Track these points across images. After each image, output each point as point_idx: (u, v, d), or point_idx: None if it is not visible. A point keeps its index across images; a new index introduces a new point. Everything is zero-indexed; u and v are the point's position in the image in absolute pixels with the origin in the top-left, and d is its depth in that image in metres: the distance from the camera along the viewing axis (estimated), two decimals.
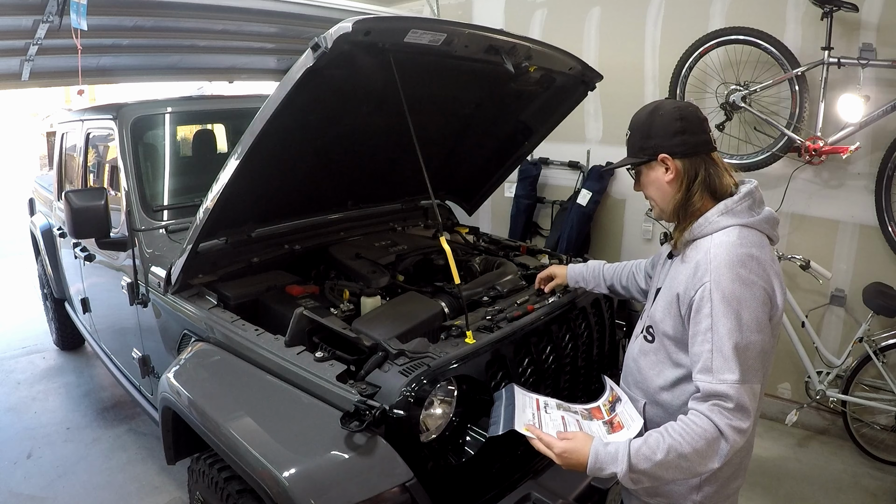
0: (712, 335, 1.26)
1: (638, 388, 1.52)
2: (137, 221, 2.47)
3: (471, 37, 1.81)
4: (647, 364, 1.48)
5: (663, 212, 1.48)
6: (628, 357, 1.60)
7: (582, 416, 1.50)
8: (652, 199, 1.49)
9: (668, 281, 1.45)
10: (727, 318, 1.25)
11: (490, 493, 1.73)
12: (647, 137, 1.42)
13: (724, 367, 1.24)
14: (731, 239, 1.32)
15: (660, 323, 1.43)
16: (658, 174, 1.43)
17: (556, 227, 4.25)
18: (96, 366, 4.14)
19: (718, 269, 1.28)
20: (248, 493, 1.63)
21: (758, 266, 1.29)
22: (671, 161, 1.40)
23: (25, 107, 13.96)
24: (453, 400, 1.68)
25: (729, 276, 1.27)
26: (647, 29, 3.70)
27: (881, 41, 2.90)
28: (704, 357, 1.27)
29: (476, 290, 2.20)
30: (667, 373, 1.43)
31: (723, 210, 1.36)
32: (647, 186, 1.48)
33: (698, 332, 1.29)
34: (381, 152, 2.55)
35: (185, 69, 4.32)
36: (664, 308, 1.42)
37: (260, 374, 1.79)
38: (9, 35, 3.03)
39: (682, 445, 1.23)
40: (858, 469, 3.00)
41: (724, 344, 1.24)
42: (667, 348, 1.42)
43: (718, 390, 1.23)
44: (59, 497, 2.83)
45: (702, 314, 1.28)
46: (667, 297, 1.42)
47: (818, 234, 3.23)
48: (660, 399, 1.45)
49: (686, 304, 1.33)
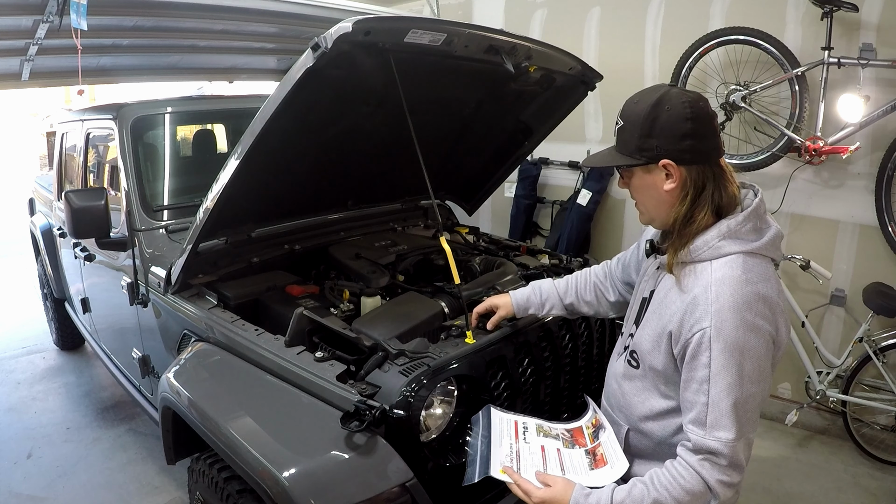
0: (709, 387, 1.13)
1: (621, 412, 1.41)
2: (137, 221, 2.47)
3: (471, 37, 1.81)
4: (631, 389, 1.36)
5: (653, 220, 1.31)
6: (611, 376, 1.47)
7: (563, 442, 1.40)
8: (641, 205, 1.30)
9: (656, 305, 1.29)
10: (727, 371, 1.12)
11: (490, 493, 1.73)
12: (648, 136, 1.20)
13: (720, 424, 1.13)
14: (735, 273, 1.16)
15: (647, 355, 1.29)
16: (655, 180, 1.23)
17: (556, 227, 4.25)
18: (96, 366, 4.14)
19: (721, 313, 1.13)
20: (248, 493, 1.63)
21: (765, 307, 1.15)
22: (675, 168, 1.20)
23: (25, 107, 13.97)
24: (453, 400, 1.68)
25: (733, 323, 1.12)
26: (647, 29, 3.70)
27: (881, 41, 2.90)
28: (698, 409, 1.15)
29: (476, 290, 2.20)
30: (653, 402, 1.31)
31: (724, 233, 1.19)
32: (638, 190, 1.28)
33: (692, 380, 1.16)
34: (381, 152, 2.55)
35: (185, 69, 4.32)
36: (653, 341, 1.27)
37: (260, 374, 1.79)
38: (9, 35, 3.03)
39: (667, 500, 1.14)
40: (858, 469, 3.00)
41: (722, 400, 1.12)
42: (654, 379, 1.30)
43: (711, 447, 1.13)
44: (59, 497, 2.83)
45: (698, 362, 1.15)
46: (656, 328, 1.26)
47: (818, 234, 3.23)
48: (644, 427, 1.34)
49: (680, 344, 1.19)
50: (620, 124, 1.27)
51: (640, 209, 1.32)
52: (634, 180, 1.28)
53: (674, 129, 1.19)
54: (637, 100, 1.25)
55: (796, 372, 3.35)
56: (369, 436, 1.46)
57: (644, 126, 1.21)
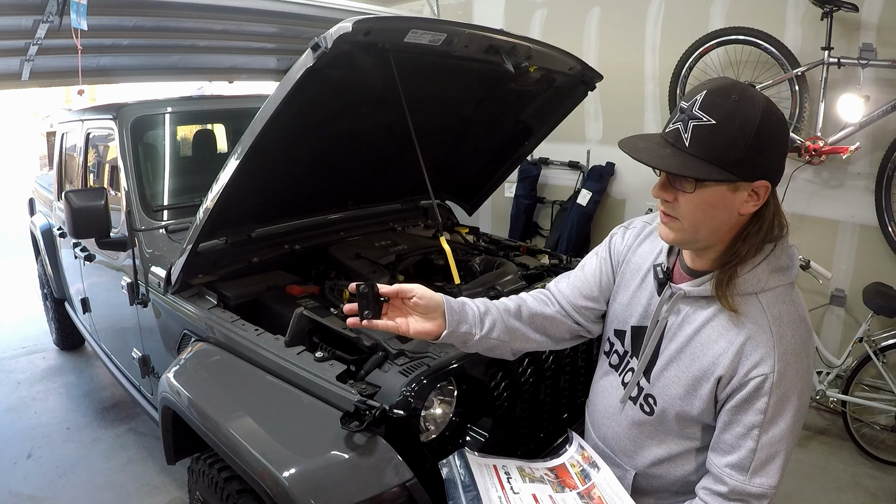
0: (761, 434, 1.04)
1: (627, 456, 1.27)
2: (137, 221, 2.47)
3: (471, 37, 1.81)
4: (644, 434, 1.23)
5: (696, 242, 1.08)
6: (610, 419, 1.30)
7: (552, 486, 1.28)
8: (689, 223, 1.04)
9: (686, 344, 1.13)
10: (784, 419, 1.04)
11: None
12: (759, 151, 0.96)
13: (766, 471, 1.05)
14: (792, 311, 1.06)
15: (677, 400, 1.14)
16: (733, 200, 1.01)
17: (556, 227, 4.26)
18: (96, 366, 4.14)
19: (786, 357, 1.03)
20: (248, 493, 1.63)
21: (812, 344, 1.10)
22: (766, 192, 1.01)
23: (25, 107, 13.97)
24: (453, 400, 1.68)
25: (796, 368, 1.04)
26: (647, 29, 3.70)
27: (881, 41, 2.90)
28: (742, 454, 1.06)
29: (476, 290, 2.19)
30: (671, 445, 1.20)
31: (774, 267, 1.07)
32: (702, 207, 1.02)
33: (739, 423, 1.06)
34: (381, 152, 2.55)
35: (185, 69, 4.32)
36: (687, 385, 1.12)
37: (260, 374, 1.79)
38: (9, 35, 3.03)
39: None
40: (858, 469, 3.00)
41: (774, 445, 1.05)
42: (676, 424, 1.18)
43: (752, 492, 1.06)
44: (59, 497, 2.83)
45: (753, 407, 1.04)
46: (692, 371, 1.11)
47: (818, 234, 3.23)
48: (657, 471, 1.23)
49: (730, 388, 1.07)
50: (703, 121, 0.97)
51: (679, 227, 1.06)
52: (706, 195, 1.00)
53: (782, 147, 1.00)
54: (735, 98, 0.97)
55: None
56: (369, 436, 1.46)
57: (758, 138, 0.96)
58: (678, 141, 0.99)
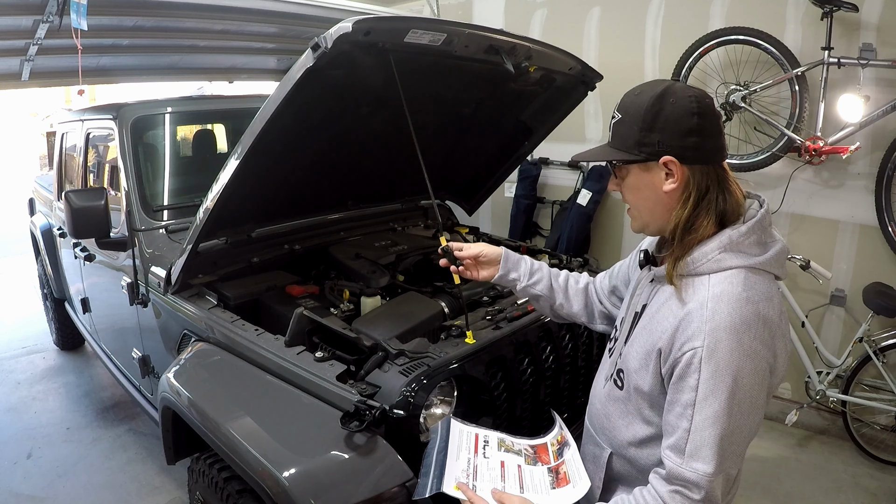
0: (693, 413, 1.03)
1: (604, 434, 1.30)
2: (137, 221, 2.47)
3: (471, 37, 1.81)
4: (615, 412, 1.26)
5: (647, 226, 1.18)
6: (595, 396, 1.36)
7: (525, 459, 1.32)
8: (634, 208, 1.17)
9: (646, 320, 1.18)
10: (716, 398, 1.01)
11: None
12: (650, 130, 1.09)
13: (700, 455, 1.02)
14: (735, 290, 1.05)
15: (633, 374, 1.18)
16: (654, 179, 1.12)
17: (556, 227, 4.25)
18: (96, 366, 4.14)
19: (716, 332, 1.02)
20: (248, 493, 1.63)
21: (765, 330, 1.05)
22: (677, 166, 1.09)
23: (25, 107, 13.97)
24: (453, 400, 1.68)
25: (728, 345, 1.02)
26: (647, 29, 3.70)
27: (881, 41, 2.89)
28: (679, 435, 1.05)
29: (476, 290, 2.20)
30: (636, 428, 1.21)
31: (726, 245, 1.08)
32: (633, 191, 1.15)
33: (677, 402, 1.06)
34: (381, 152, 2.55)
35: (185, 69, 4.32)
36: (640, 359, 1.16)
37: (260, 374, 1.79)
38: (9, 35, 3.03)
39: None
40: (858, 469, 3.00)
41: (706, 429, 1.02)
42: (637, 403, 1.19)
43: (686, 477, 1.03)
44: (59, 497, 2.83)
45: (686, 384, 1.04)
46: (645, 345, 1.15)
47: (818, 234, 3.23)
48: (628, 454, 1.24)
49: (669, 364, 1.09)
50: (618, 118, 1.15)
51: (633, 214, 1.19)
52: (630, 179, 1.16)
53: (679, 124, 1.08)
54: (638, 91, 1.14)
55: (796, 372, 3.35)
56: (369, 436, 1.46)
57: (646, 119, 1.09)
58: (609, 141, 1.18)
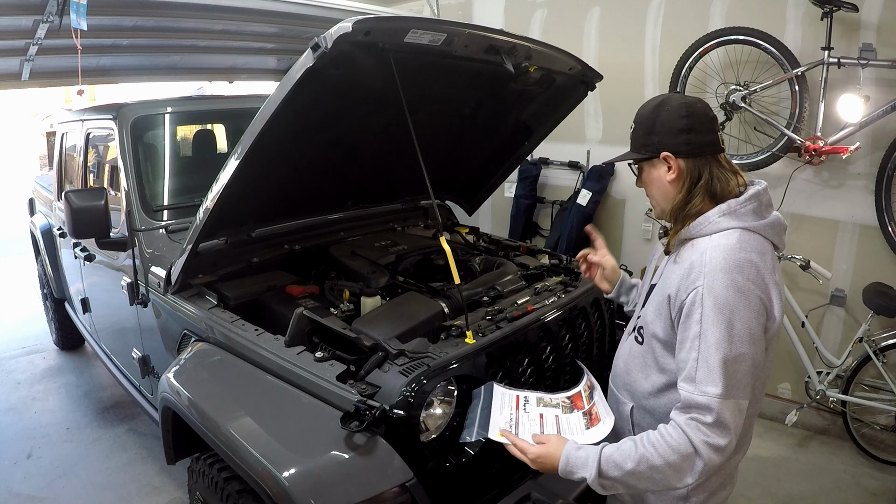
0: (700, 343, 1.19)
1: (626, 390, 1.46)
2: (137, 221, 2.47)
3: (471, 37, 1.81)
4: (635, 366, 1.43)
5: (663, 211, 1.42)
6: (618, 357, 1.53)
7: (563, 409, 1.46)
8: (652, 198, 1.44)
9: (661, 280, 1.39)
10: (717, 326, 1.18)
11: (490, 493, 1.73)
12: (651, 133, 1.35)
13: (708, 379, 1.17)
14: (730, 242, 1.24)
15: (650, 324, 1.37)
16: (660, 173, 1.36)
17: (556, 227, 4.25)
18: (96, 366, 4.14)
19: (713, 273, 1.21)
20: (248, 493, 1.63)
21: (756, 273, 1.22)
22: (674, 160, 1.33)
23: (25, 107, 13.96)
24: (453, 400, 1.68)
25: (723, 282, 1.19)
26: (647, 29, 3.70)
27: (881, 41, 2.90)
28: (689, 365, 1.21)
29: (476, 290, 2.20)
30: (653, 377, 1.37)
31: (725, 210, 1.29)
32: (649, 185, 1.42)
33: (686, 339, 1.23)
34: (380, 152, 2.55)
35: (185, 69, 4.32)
36: (655, 309, 1.36)
37: (260, 374, 1.79)
38: (9, 35, 3.03)
39: (653, 457, 1.18)
40: (858, 469, 3.00)
41: (711, 354, 1.18)
42: (654, 352, 1.37)
43: (698, 402, 1.18)
44: (59, 497, 2.83)
45: (691, 320, 1.22)
46: (658, 297, 1.36)
47: (818, 234, 3.23)
48: (647, 404, 1.39)
49: (676, 307, 1.27)
50: (633, 128, 1.42)
51: (652, 203, 1.45)
52: (644, 175, 1.42)
53: (672, 125, 1.33)
54: (645, 105, 1.41)
55: (796, 372, 3.35)
56: (369, 436, 1.46)
57: (647, 124, 1.37)
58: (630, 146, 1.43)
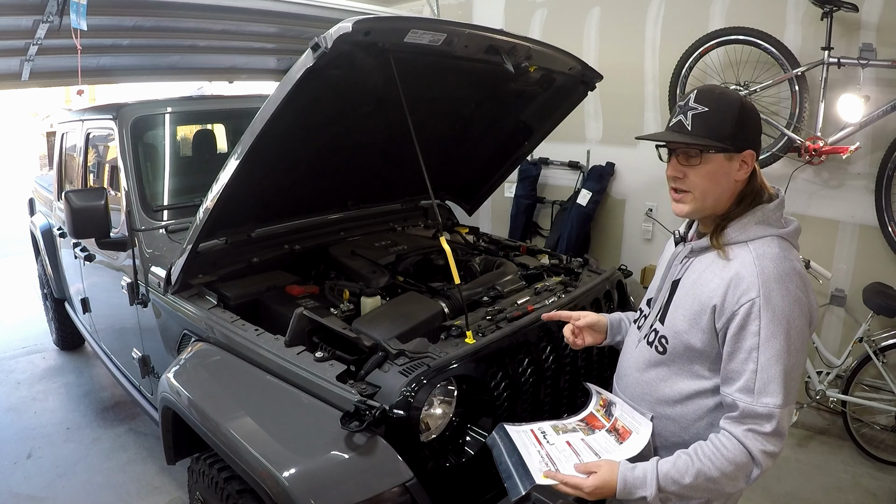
0: (759, 355, 1.18)
1: (643, 401, 1.42)
2: (137, 221, 2.47)
3: (471, 37, 1.81)
4: (657, 376, 1.38)
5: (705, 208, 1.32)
6: (629, 367, 1.47)
7: (583, 432, 1.41)
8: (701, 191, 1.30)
9: (690, 288, 1.32)
10: (776, 338, 1.18)
11: (490, 492, 1.73)
12: (743, 127, 1.26)
13: (768, 390, 1.18)
14: (774, 251, 1.24)
15: (683, 334, 1.31)
16: (729, 168, 1.28)
17: (556, 227, 4.25)
18: (96, 366, 4.14)
19: (768, 283, 1.19)
20: (248, 493, 1.63)
21: (802, 282, 1.22)
22: (752, 161, 1.29)
23: (25, 107, 13.96)
24: (453, 400, 1.68)
25: (780, 293, 1.19)
26: (647, 29, 3.70)
27: (881, 41, 2.90)
28: (747, 377, 1.19)
29: (476, 290, 2.20)
30: (682, 385, 1.34)
31: (760, 218, 1.27)
32: (707, 176, 1.28)
33: (740, 350, 1.21)
34: (380, 152, 2.55)
35: (185, 69, 4.32)
36: (689, 319, 1.30)
37: (260, 374, 1.79)
38: (9, 35, 3.03)
39: (710, 470, 1.19)
40: (858, 469, 3.00)
41: (772, 366, 1.18)
42: (684, 360, 1.33)
43: (758, 412, 1.18)
44: (59, 497, 2.83)
45: (748, 331, 1.19)
46: (693, 307, 1.29)
47: (818, 234, 3.23)
48: (671, 413, 1.36)
49: (725, 317, 1.23)
50: (699, 110, 1.27)
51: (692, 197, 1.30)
52: (710, 166, 1.27)
53: (757, 125, 1.31)
54: (719, 92, 1.30)
55: None
56: (369, 436, 1.46)
57: (738, 117, 1.26)
58: (682, 128, 1.29)
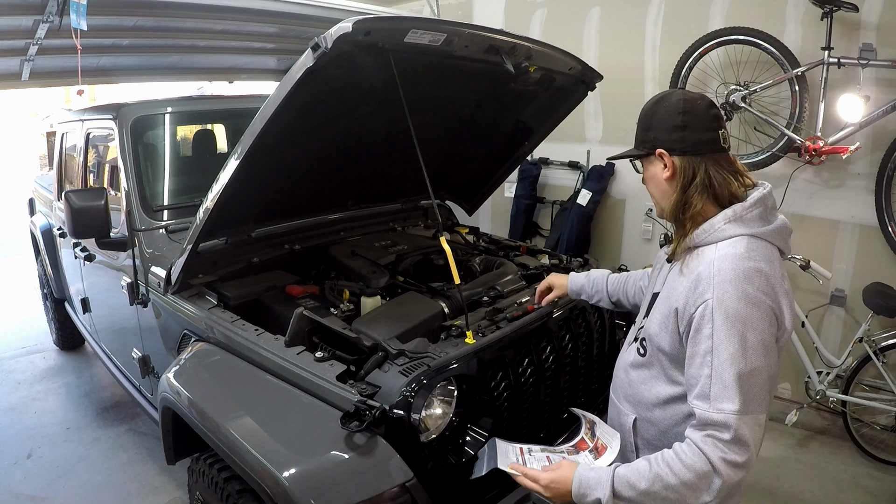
0: (712, 359, 1.15)
1: (628, 401, 1.43)
2: (137, 221, 2.47)
3: (471, 37, 1.81)
4: (638, 378, 1.39)
5: (662, 210, 1.38)
6: (619, 367, 1.50)
7: (568, 453, 1.45)
8: (652, 196, 1.40)
9: (665, 291, 1.34)
10: (730, 341, 1.14)
11: (490, 493, 1.73)
12: (648, 129, 1.33)
13: (724, 395, 1.13)
14: (737, 251, 1.20)
15: (655, 337, 1.32)
16: (656, 170, 1.33)
17: (556, 227, 4.25)
18: (96, 366, 4.14)
19: (722, 284, 1.16)
20: (248, 493, 1.63)
21: (766, 283, 1.18)
22: (668, 157, 1.29)
23: (25, 107, 13.96)
24: (453, 400, 1.68)
25: (734, 294, 1.15)
26: (647, 29, 3.70)
27: (881, 41, 2.90)
28: (702, 382, 1.17)
29: (476, 290, 2.20)
30: (659, 389, 1.34)
31: (730, 217, 1.24)
32: (647, 182, 1.39)
33: (696, 354, 1.19)
34: (381, 152, 2.55)
35: (185, 69, 4.32)
36: (660, 322, 1.31)
37: (260, 374, 1.79)
38: (9, 35, 3.03)
39: (668, 476, 1.15)
40: (858, 469, 3.00)
41: (725, 370, 1.14)
42: (661, 364, 1.33)
43: (715, 419, 1.14)
44: (59, 497, 2.83)
45: (702, 334, 1.17)
46: (664, 310, 1.31)
47: (818, 234, 3.23)
48: (651, 416, 1.36)
49: (685, 320, 1.23)
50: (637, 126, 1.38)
51: (653, 201, 1.40)
52: (647, 173, 1.38)
53: (667, 122, 1.29)
54: (654, 99, 1.37)
55: (796, 372, 3.35)
56: (369, 436, 1.46)
57: (646, 120, 1.34)
58: None
